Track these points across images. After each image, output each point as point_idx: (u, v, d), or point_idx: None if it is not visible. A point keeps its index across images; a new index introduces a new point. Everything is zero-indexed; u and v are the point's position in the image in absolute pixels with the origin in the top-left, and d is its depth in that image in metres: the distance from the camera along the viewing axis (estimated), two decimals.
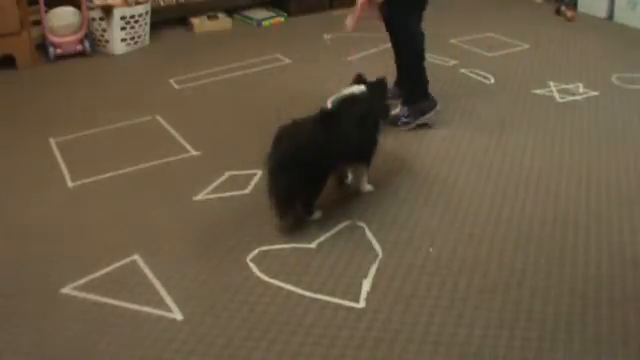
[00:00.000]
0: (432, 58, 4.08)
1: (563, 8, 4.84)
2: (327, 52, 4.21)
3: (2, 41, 3.96)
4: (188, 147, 3.08)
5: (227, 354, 1.90)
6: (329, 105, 2.75)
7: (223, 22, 4.82)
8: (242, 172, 2.85)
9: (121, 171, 2.89)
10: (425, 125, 3.17)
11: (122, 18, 4.23)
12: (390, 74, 3.79)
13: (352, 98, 2.60)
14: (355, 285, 2.16)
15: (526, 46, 4.27)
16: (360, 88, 2.64)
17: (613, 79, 3.72)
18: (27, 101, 3.67)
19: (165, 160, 2.98)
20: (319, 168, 2.43)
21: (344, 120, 2.49)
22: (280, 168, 2.34)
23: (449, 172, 2.81)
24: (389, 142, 2.86)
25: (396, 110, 3.17)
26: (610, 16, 4.73)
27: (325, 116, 2.51)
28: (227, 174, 2.84)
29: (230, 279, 2.21)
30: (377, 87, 2.72)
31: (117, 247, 2.38)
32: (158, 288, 2.18)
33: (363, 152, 2.60)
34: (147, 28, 4.47)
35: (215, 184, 2.77)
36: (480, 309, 2.05)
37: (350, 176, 2.71)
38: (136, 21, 4.32)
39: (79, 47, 4.25)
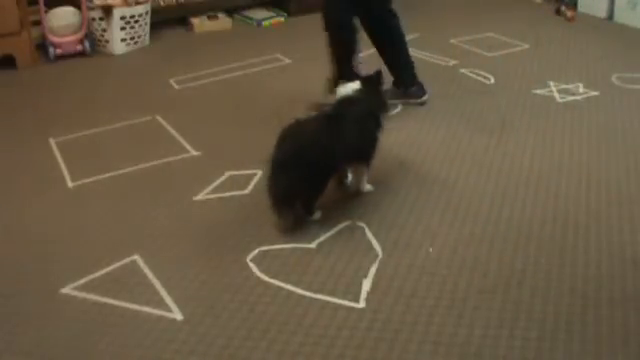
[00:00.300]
0: (432, 58, 4.10)
1: (563, 8, 4.84)
2: (327, 52, 4.21)
3: (2, 41, 3.96)
4: (188, 147, 3.08)
5: (227, 354, 1.90)
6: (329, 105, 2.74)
7: (223, 22, 4.82)
8: (242, 172, 2.85)
9: (121, 171, 2.89)
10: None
11: (122, 18, 4.24)
12: (388, 73, 3.79)
13: (351, 97, 2.60)
14: (355, 285, 2.16)
15: (526, 46, 4.27)
16: (356, 86, 2.65)
17: (613, 79, 3.72)
18: (27, 101, 3.67)
19: (165, 160, 2.98)
20: (322, 168, 2.43)
21: (346, 120, 2.49)
22: (282, 168, 2.35)
23: (449, 172, 2.81)
24: (389, 142, 2.86)
25: None
26: (610, 16, 4.73)
27: (328, 116, 2.51)
28: (227, 174, 2.84)
29: (230, 279, 2.21)
30: (373, 82, 2.71)
31: (117, 247, 2.38)
32: (158, 288, 2.18)
33: (365, 151, 2.60)
34: (147, 28, 4.47)
35: (215, 184, 2.77)
36: (480, 309, 2.05)
37: (350, 176, 2.71)
38: (136, 21, 4.33)
39: (79, 47, 4.25)
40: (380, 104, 2.71)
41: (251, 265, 2.27)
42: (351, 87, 2.65)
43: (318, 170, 2.41)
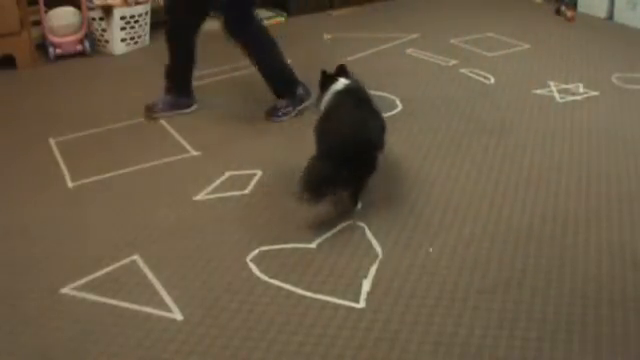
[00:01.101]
0: (432, 58, 4.09)
1: (563, 8, 4.84)
2: (327, 52, 4.21)
3: (2, 41, 3.96)
4: (188, 147, 3.08)
5: (227, 354, 1.90)
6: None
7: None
8: (242, 172, 2.85)
9: (121, 171, 2.89)
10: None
11: (122, 18, 4.24)
12: (388, 73, 3.81)
13: (349, 89, 2.63)
14: (355, 285, 2.16)
15: (526, 46, 4.27)
16: (346, 81, 2.67)
17: (613, 79, 3.72)
18: (27, 101, 3.67)
19: (165, 160, 2.98)
20: (368, 159, 2.46)
21: (370, 110, 2.53)
22: (335, 157, 2.37)
23: (449, 172, 2.81)
24: (389, 142, 2.85)
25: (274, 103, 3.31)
26: (610, 16, 4.73)
27: (359, 106, 2.53)
28: (227, 174, 2.85)
29: (230, 279, 2.21)
30: (343, 74, 2.75)
31: (117, 247, 2.38)
32: (158, 288, 2.18)
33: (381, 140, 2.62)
34: (147, 28, 4.47)
35: (215, 184, 2.77)
36: (480, 309, 2.05)
37: None
38: (136, 21, 4.33)
39: (79, 47, 4.25)
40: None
41: (251, 265, 2.27)
42: (342, 82, 2.66)
43: (365, 162, 2.45)
